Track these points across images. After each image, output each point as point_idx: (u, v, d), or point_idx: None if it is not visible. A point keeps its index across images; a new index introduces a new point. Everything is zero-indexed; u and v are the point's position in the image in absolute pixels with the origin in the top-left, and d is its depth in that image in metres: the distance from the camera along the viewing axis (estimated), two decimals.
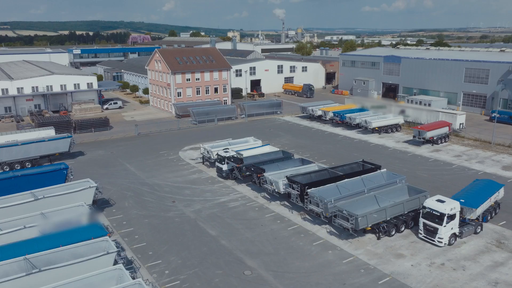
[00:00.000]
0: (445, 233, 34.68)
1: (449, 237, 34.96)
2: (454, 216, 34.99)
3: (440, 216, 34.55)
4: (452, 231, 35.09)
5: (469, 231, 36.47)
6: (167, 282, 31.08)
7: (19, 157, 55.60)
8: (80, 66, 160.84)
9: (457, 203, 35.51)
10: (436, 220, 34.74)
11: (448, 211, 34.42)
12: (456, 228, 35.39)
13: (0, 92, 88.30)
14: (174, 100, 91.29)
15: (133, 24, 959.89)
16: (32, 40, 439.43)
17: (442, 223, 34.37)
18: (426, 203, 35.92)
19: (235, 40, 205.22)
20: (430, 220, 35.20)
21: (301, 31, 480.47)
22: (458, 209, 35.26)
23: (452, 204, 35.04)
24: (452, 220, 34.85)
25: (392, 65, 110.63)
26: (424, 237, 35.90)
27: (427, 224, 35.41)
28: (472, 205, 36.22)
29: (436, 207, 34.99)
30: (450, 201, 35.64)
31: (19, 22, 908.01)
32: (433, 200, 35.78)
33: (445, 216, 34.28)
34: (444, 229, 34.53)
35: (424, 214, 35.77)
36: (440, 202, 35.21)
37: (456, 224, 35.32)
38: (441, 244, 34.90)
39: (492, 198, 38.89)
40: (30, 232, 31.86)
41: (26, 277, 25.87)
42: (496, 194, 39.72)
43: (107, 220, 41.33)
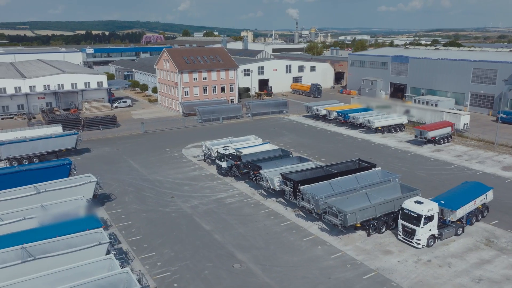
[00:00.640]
0: (423, 235, 34.31)
1: (427, 239, 34.54)
2: (432, 217, 34.64)
3: (417, 217, 34.23)
4: (430, 232, 34.70)
5: (449, 233, 36.08)
6: (158, 273, 32.25)
7: (27, 153, 57.52)
8: (93, 65, 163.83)
9: (436, 204, 35.19)
10: (414, 221, 34.40)
11: (425, 212, 34.10)
12: (434, 229, 34.99)
13: (13, 90, 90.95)
14: (181, 99, 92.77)
15: (148, 24, 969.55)
16: (49, 39, 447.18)
17: (420, 225, 34.01)
18: (404, 204, 35.61)
19: (246, 40, 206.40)
20: (408, 222, 34.91)
21: (314, 30, 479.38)
22: (436, 210, 34.91)
23: (430, 206, 34.71)
24: (430, 222, 34.46)
25: (400, 65, 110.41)
26: (403, 238, 35.60)
27: (405, 226, 35.11)
28: (452, 206, 35.86)
29: (414, 208, 34.68)
30: (429, 202, 35.34)
31: (38, 22, 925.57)
32: (411, 202, 35.45)
33: (423, 217, 33.96)
34: (421, 231, 34.18)
35: (402, 215, 35.50)
36: (418, 204, 34.92)
37: (435, 225, 34.91)
38: (419, 245, 34.54)
39: (478, 200, 38.44)
40: (29, 223, 33.40)
41: (21, 264, 27.29)
42: (483, 197, 39.19)
43: (107, 214, 42.83)
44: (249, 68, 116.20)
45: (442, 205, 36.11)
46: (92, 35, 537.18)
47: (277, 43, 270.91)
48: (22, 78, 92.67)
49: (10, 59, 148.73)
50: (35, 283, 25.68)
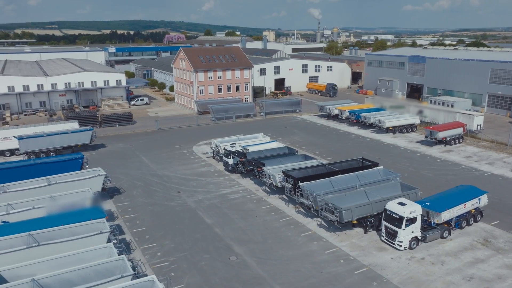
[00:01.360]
0: (405, 237, 34.07)
1: (409, 241, 34.30)
2: (415, 219, 34.33)
3: (399, 219, 34.02)
4: (412, 234, 34.39)
5: (434, 236, 35.71)
6: (157, 263, 33.67)
7: (44, 147, 60.06)
8: (115, 64, 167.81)
9: (419, 206, 34.83)
10: (396, 223, 34.23)
11: (407, 214, 33.82)
12: (417, 232, 34.68)
13: (36, 87, 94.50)
14: (196, 97, 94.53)
15: (173, 23, 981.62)
16: (75, 39, 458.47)
17: (401, 226, 33.82)
18: (387, 205, 35.40)
19: (265, 39, 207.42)
20: (390, 223, 34.77)
21: (337, 30, 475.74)
22: (419, 212, 34.55)
23: (413, 207, 34.36)
24: (413, 224, 34.20)
25: (417, 65, 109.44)
26: (386, 239, 35.48)
27: (388, 227, 35.00)
28: (436, 209, 35.50)
29: (396, 210, 34.43)
30: (412, 204, 34.98)
31: (66, 21, 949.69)
32: (394, 203, 35.20)
33: (404, 219, 33.72)
34: (403, 233, 33.94)
35: (385, 216, 35.36)
36: (400, 205, 34.64)
37: (418, 228, 34.60)
38: (400, 247, 34.31)
39: (469, 204, 37.79)
40: (38, 212, 35.35)
41: (27, 250, 29.10)
42: (475, 201, 38.41)
43: (115, 206, 44.63)
44: (265, 68, 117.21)
45: (427, 207, 35.74)
46: (117, 34, 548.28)
47: (297, 43, 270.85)
48: (45, 76, 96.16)
49: (36, 58, 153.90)
50: (38, 267, 27.37)
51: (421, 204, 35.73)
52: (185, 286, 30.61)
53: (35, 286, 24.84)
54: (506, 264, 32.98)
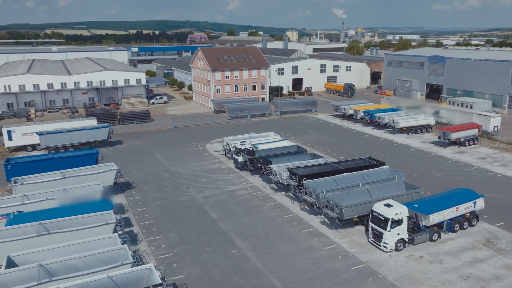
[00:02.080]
0: (390, 238, 33.80)
1: (395, 243, 34.03)
2: (401, 221, 33.99)
3: (385, 220, 33.83)
4: (399, 236, 34.07)
5: (423, 238, 35.23)
6: (161, 254, 35.04)
7: (63, 143, 62.57)
8: (138, 63, 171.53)
9: (405, 208, 34.46)
10: (382, 224, 34.06)
11: (392, 216, 33.53)
12: (404, 233, 34.34)
13: (59, 85, 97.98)
14: (213, 96, 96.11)
15: (198, 23, 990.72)
16: (102, 39, 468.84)
17: (387, 228, 33.62)
18: (374, 207, 35.18)
19: (286, 39, 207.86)
20: (376, 224, 34.62)
21: (361, 30, 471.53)
22: (405, 214, 34.19)
23: (399, 209, 34.03)
24: (399, 226, 33.89)
25: (436, 65, 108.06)
26: (372, 241, 35.33)
27: (374, 228, 34.85)
28: (424, 211, 35.07)
29: (382, 211, 34.22)
30: (398, 206, 34.62)
31: (94, 22, 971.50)
32: (381, 204, 34.88)
33: (389, 220, 33.48)
34: (388, 234, 33.71)
35: (372, 218, 35.18)
36: (387, 207, 34.35)
37: (404, 229, 34.26)
38: (386, 249, 34.08)
39: (462, 208, 37.08)
40: (51, 203, 37.29)
41: (37, 237, 30.90)
42: (469, 205, 37.64)
43: (126, 199, 46.38)
44: (283, 67, 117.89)
45: (415, 209, 35.43)
46: (143, 34, 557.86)
47: (318, 43, 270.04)
48: (68, 75, 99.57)
49: (62, 57, 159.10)
50: (47, 254, 29.08)
51: (410, 206, 35.49)
52: (185, 276, 31.82)
53: (41, 270, 26.48)
54: (505, 264, 32.90)
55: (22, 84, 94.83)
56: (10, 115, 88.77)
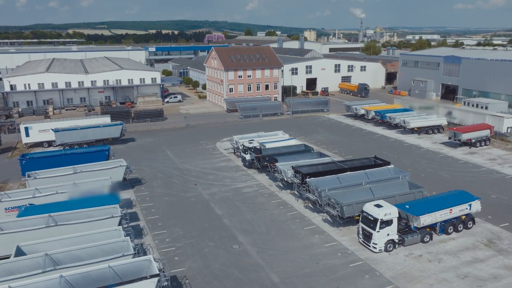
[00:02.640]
0: (379, 239, 33.79)
1: (385, 243, 34.01)
2: (390, 222, 33.95)
3: (374, 221, 33.85)
4: (388, 237, 34.00)
5: (414, 239, 35.10)
6: (165, 248, 36.10)
7: (78, 139, 64.42)
8: (155, 62, 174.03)
9: (395, 209, 34.36)
10: (371, 225, 34.10)
11: (381, 216, 33.53)
12: (394, 234, 34.27)
13: (77, 84, 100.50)
14: (226, 95, 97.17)
15: (217, 23, 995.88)
16: (121, 38, 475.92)
17: (376, 228, 33.67)
18: (364, 207, 35.18)
19: (302, 39, 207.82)
20: (366, 225, 34.67)
21: (379, 30, 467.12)
22: (395, 215, 34.14)
23: (388, 210, 33.98)
24: (388, 226, 33.85)
25: (452, 65, 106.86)
26: (362, 241, 35.37)
27: (364, 229, 34.93)
28: (415, 212, 34.91)
29: (371, 211, 34.22)
30: (388, 206, 34.56)
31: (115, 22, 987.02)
32: (371, 205, 34.86)
33: (378, 221, 33.50)
34: (377, 235, 33.67)
35: (362, 218, 35.20)
36: (376, 207, 34.32)
37: (394, 230, 34.20)
38: (375, 250, 34.07)
39: (456, 210, 36.70)
40: (61, 196, 38.76)
41: (45, 229, 32.28)
42: (464, 207, 37.19)
43: (134, 195, 47.70)
44: (297, 67, 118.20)
45: (406, 210, 35.31)
46: (162, 34, 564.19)
47: (334, 43, 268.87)
48: (85, 73, 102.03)
49: (81, 56, 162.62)
50: (53, 244, 30.38)
51: (401, 207, 35.47)
52: (186, 269, 32.77)
53: (47, 259, 27.75)
54: (505, 265, 32.84)
55: (41, 83, 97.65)
56: (29, 113, 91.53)
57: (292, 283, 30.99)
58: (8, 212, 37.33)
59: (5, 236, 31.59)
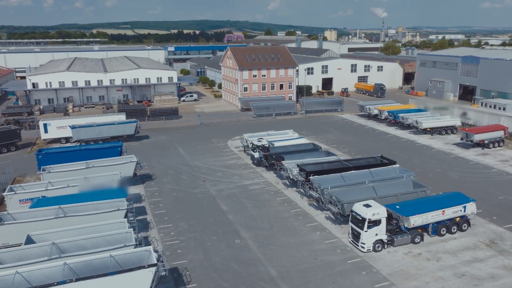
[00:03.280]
0: (367, 239, 33.83)
1: (373, 243, 34.02)
2: (379, 222, 33.97)
3: (362, 220, 33.94)
4: (377, 237, 34.01)
5: (403, 240, 34.98)
6: (169, 241, 37.30)
7: (94, 136, 66.45)
8: (174, 62, 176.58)
9: (383, 209, 34.32)
10: (359, 224, 34.17)
11: (369, 216, 33.59)
12: (382, 234, 34.27)
13: (96, 82, 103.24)
14: (241, 94, 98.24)
15: (238, 23, 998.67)
16: (143, 38, 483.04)
17: (363, 228, 33.79)
18: (354, 206, 35.29)
19: (320, 39, 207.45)
20: (355, 224, 34.80)
21: (401, 29, 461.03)
22: (383, 215, 34.12)
23: (376, 210, 33.99)
24: (376, 226, 33.88)
25: (470, 66, 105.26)
26: (352, 241, 35.51)
27: (353, 228, 35.08)
28: (404, 213, 34.83)
29: (360, 211, 34.31)
30: (377, 206, 34.54)
31: (138, 22, 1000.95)
32: (360, 204, 34.92)
33: (366, 221, 33.58)
34: (365, 234, 33.74)
35: (352, 218, 35.32)
36: (365, 207, 34.38)
37: (382, 230, 34.20)
38: (363, 249, 34.18)
39: (449, 211, 36.31)
40: (72, 189, 40.41)
41: (55, 219, 33.86)
42: (458, 209, 36.76)
43: (144, 190, 49.16)
44: (312, 67, 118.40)
45: (396, 210, 35.30)
46: (183, 34, 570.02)
47: (354, 42, 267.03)
48: (104, 72, 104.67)
49: (102, 56, 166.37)
50: (61, 234, 31.87)
51: (391, 207, 35.55)
52: (188, 262, 33.86)
53: (54, 248, 29.21)
54: (504, 265, 32.78)
55: (62, 81, 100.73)
56: (50, 110, 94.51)
57: (290, 277, 31.71)
58: (22, 203, 39.14)
59: (17, 225, 33.31)
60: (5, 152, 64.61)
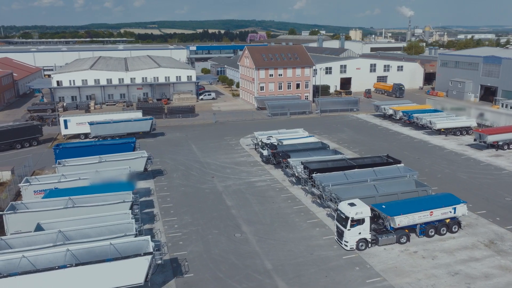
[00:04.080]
0: (351, 237, 34.07)
1: (356, 242, 34.21)
2: (362, 221, 34.07)
3: (345, 219, 34.20)
4: (360, 236, 34.20)
5: (388, 240, 35.03)
6: (172, 233, 38.77)
7: (111, 132, 68.85)
8: (195, 61, 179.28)
9: (367, 208, 34.40)
10: (343, 223, 34.44)
11: (352, 215, 33.76)
12: (366, 233, 34.38)
13: (117, 81, 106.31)
14: (257, 93, 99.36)
15: (263, 22, 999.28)
16: (168, 37, 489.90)
17: (347, 226, 34.03)
18: (339, 205, 35.57)
19: (342, 38, 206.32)
20: (339, 223, 35.08)
21: (429, 29, 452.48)
22: (367, 214, 34.21)
23: (360, 209, 34.10)
24: (360, 225, 34.00)
25: (492, 66, 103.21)
26: (337, 239, 35.86)
27: (338, 226, 35.38)
28: (389, 213, 34.89)
29: (344, 209, 34.56)
30: (361, 205, 34.62)
31: (165, 21, 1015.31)
32: (346, 203, 35.13)
33: (349, 219, 33.76)
34: (348, 233, 34.01)
35: (337, 216, 35.67)
36: (350, 205, 34.53)
37: (366, 229, 34.32)
38: (347, 247, 34.48)
39: (437, 212, 36.06)
40: (83, 182, 42.45)
41: (63, 209, 35.80)
42: (447, 210, 36.44)
43: (154, 185, 50.89)
44: (331, 66, 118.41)
45: (382, 209, 35.43)
46: (208, 33, 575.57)
47: (377, 42, 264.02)
48: (125, 71, 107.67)
49: (126, 55, 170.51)
50: (69, 223, 33.75)
51: (378, 207, 35.75)
52: (188, 253, 35.21)
53: (60, 236, 31.05)
54: (500, 265, 32.76)
55: (85, 79, 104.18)
56: (72, 107, 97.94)
57: (283, 270, 32.63)
58: (37, 194, 41.40)
59: (29, 214, 35.38)
60: (28, 147, 67.73)
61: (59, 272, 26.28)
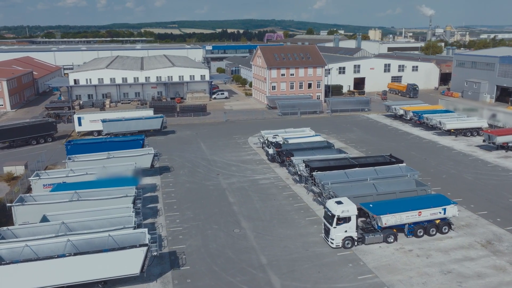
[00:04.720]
0: (336, 235, 34.36)
1: (342, 240, 34.45)
2: (348, 219, 34.24)
3: (332, 216, 34.50)
4: (346, 234, 34.39)
5: (375, 239, 35.13)
6: (173, 227, 39.91)
7: (122, 130, 70.59)
8: (211, 61, 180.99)
9: (353, 206, 34.55)
10: (330, 220, 34.77)
11: (338, 212, 33.98)
12: (352, 232, 34.56)
13: (132, 80, 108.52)
14: (269, 93, 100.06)
15: (283, 22, 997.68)
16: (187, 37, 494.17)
17: (333, 224, 34.31)
18: (327, 203, 35.85)
19: (359, 38, 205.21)
20: (326, 220, 35.46)
21: (450, 28, 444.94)
22: (353, 212, 34.33)
23: (346, 207, 34.28)
24: (346, 223, 34.19)
25: (508, 66, 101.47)
26: (324, 237, 36.12)
27: (325, 224, 35.79)
28: (376, 212, 35.13)
29: (331, 207, 34.82)
30: (348, 203, 34.80)
31: (185, 21, 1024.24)
32: (333, 201, 35.35)
33: (335, 217, 34.04)
34: (334, 231, 34.28)
35: (324, 214, 36.04)
36: (336, 203, 34.78)
37: (352, 227, 34.48)
38: (332, 245, 34.80)
39: (426, 213, 36.03)
40: (89, 177, 43.98)
41: (68, 202, 37.29)
42: (436, 211, 36.32)
43: (160, 181, 52.20)
44: (344, 66, 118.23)
45: (369, 208, 35.59)
46: (227, 33, 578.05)
47: (395, 42, 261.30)
48: (140, 70, 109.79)
49: (143, 54, 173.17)
50: (73, 215, 35.19)
51: (365, 206, 35.94)
52: (186, 247, 36.27)
53: (63, 227, 32.48)
54: (495, 265, 32.78)
55: (101, 78, 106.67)
56: (88, 105, 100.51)
57: (278, 265, 33.35)
58: (46, 188, 43.07)
59: (36, 206, 36.98)
60: (43, 143, 70.01)
61: (58, 260, 27.61)
